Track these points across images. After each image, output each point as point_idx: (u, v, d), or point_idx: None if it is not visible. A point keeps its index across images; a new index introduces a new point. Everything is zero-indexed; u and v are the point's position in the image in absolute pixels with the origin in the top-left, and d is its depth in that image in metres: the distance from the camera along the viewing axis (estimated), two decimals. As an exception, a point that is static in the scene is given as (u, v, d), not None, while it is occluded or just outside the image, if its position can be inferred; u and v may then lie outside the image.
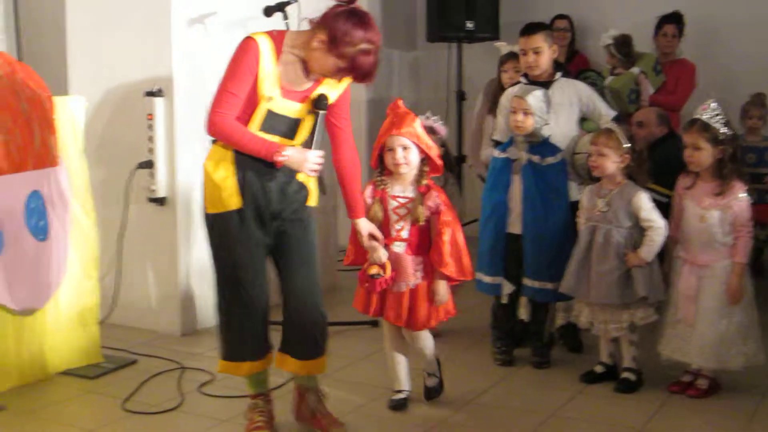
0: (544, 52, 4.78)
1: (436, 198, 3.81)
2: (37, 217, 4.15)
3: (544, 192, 4.43)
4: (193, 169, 4.51)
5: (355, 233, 3.77)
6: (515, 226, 4.48)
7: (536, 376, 4.44)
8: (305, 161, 3.36)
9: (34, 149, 4.11)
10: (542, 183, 4.43)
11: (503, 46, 5.46)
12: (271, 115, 3.36)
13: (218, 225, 3.44)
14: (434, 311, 3.84)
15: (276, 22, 5.04)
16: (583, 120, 4.92)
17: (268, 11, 5.02)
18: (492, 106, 5.49)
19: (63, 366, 4.35)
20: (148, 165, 4.93)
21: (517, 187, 4.46)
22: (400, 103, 3.85)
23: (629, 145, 4.15)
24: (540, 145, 4.45)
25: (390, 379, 4.03)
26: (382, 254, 3.73)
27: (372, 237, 3.73)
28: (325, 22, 3.25)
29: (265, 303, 3.54)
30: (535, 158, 4.43)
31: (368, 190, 3.86)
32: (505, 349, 4.61)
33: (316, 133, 3.42)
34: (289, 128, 3.41)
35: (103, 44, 5.13)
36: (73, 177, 4.37)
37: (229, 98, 3.29)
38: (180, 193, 4.95)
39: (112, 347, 4.68)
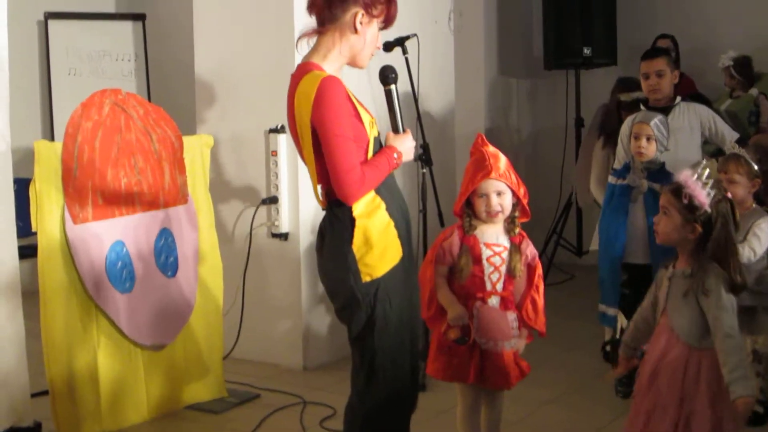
0: (667, 76, 4.81)
1: (533, 248, 3.42)
2: (167, 254, 4.27)
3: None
4: (316, 205, 4.62)
5: (425, 282, 3.39)
6: (636, 256, 4.39)
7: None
8: (411, 147, 3.14)
9: (165, 188, 4.25)
10: (666, 211, 4.37)
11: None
12: (376, 142, 3.10)
13: (386, 287, 3.01)
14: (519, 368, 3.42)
15: (396, 57, 5.10)
16: (704, 144, 4.86)
17: (387, 47, 5.07)
18: (599, 133, 5.48)
19: (190, 400, 4.44)
20: (272, 201, 5.03)
21: (637, 216, 4.39)
22: (485, 139, 3.42)
23: (758, 168, 4.04)
24: (657, 171, 4.38)
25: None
26: (465, 312, 3.29)
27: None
28: (348, 3, 3.03)
29: None
30: (656, 186, 4.35)
31: (455, 237, 3.37)
32: (627, 382, 4.53)
33: (397, 112, 3.16)
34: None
35: (229, 84, 5.25)
36: (199, 213, 4.48)
37: (351, 146, 2.95)
38: (303, 228, 5.03)
39: (236, 381, 4.75)
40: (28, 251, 4.42)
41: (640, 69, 4.97)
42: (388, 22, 3.15)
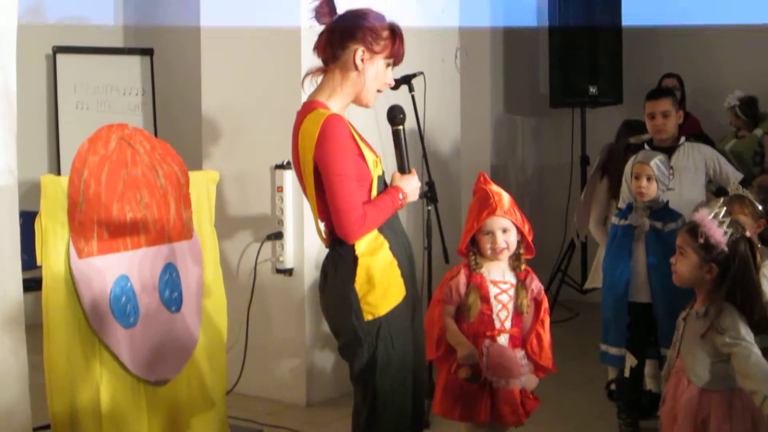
0: (672, 116, 4.84)
1: (538, 282, 3.43)
2: (171, 289, 4.26)
3: (670, 258, 4.34)
4: (321, 241, 4.65)
5: (433, 322, 3.40)
6: (640, 294, 4.40)
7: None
8: (417, 187, 3.19)
9: (170, 223, 4.24)
10: (667, 249, 4.35)
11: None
12: (380, 180, 3.14)
13: (388, 326, 3.02)
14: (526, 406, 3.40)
15: (402, 95, 5.12)
16: (708, 183, 4.88)
17: (394, 84, 5.10)
18: (602, 174, 5.49)
19: (192, 435, 4.42)
20: (277, 236, 5.03)
21: (640, 255, 4.40)
22: (488, 178, 3.45)
23: (762, 208, 4.04)
24: (660, 210, 4.39)
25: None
26: (476, 351, 3.29)
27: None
28: (348, 41, 3.07)
29: None
30: (658, 224, 4.37)
31: (461, 276, 3.38)
32: (631, 421, 4.53)
33: (404, 152, 3.18)
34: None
35: (235, 119, 5.28)
36: (204, 249, 4.48)
37: (352, 185, 2.97)
38: (307, 264, 5.03)
39: (239, 417, 4.73)
40: (32, 284, 4.42)
41: (645, 108, 4.98)
42: (395, 58, 3.16)
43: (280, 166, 5.04)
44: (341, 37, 3.08)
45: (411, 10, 5.75)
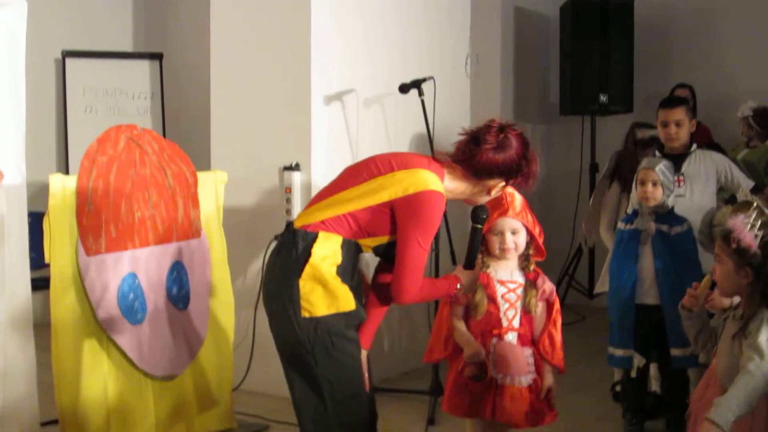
0: (685, 125, 4.83)
1: (550, 283, 3.47)
2: (179, 287, 4.28)
3: (677, 261, 4.36)
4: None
5: (442, 322, 3.47)
6: (648, 297, 4.41)
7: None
8: (472, 284, 3.25)
9: (178, 222, 4.26)
10: (674, 252, 4.37)
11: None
12: None
13: (326, 328, 2.96)
14: (545, 407, 3.41)
15: (411, 98, 5.13)
16: (719, 190, 4.87)
17: (404, 88, 5.11)
18: (611, 180, 5.48)
19: (199, 430, 4.41)
20: (284, 237, 5.04)
21: (647, 258, 4.41)
22: None
23: None
24: (666, 215, 4.40)
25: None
26: (481, 350, 3.34)
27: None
28: (502, 177, 3.10)
29: None
30: (664, 227, 4.38)
31: None
32: (636, 422, 4.52)
33: (475, 250, 3.23)
34: None
35: (245, 121, 5.30)
36: (212, 248, 4.49)
37: (425, 257, 3.00)
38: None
39: (246, 413, 4.75)
40: (40, 283, 4.44)
41: (657, 116, 4.98)
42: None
43: (289, 168, 5.04)
44: (498, 172, 3.09)
45: (422, 17, 5.77)
